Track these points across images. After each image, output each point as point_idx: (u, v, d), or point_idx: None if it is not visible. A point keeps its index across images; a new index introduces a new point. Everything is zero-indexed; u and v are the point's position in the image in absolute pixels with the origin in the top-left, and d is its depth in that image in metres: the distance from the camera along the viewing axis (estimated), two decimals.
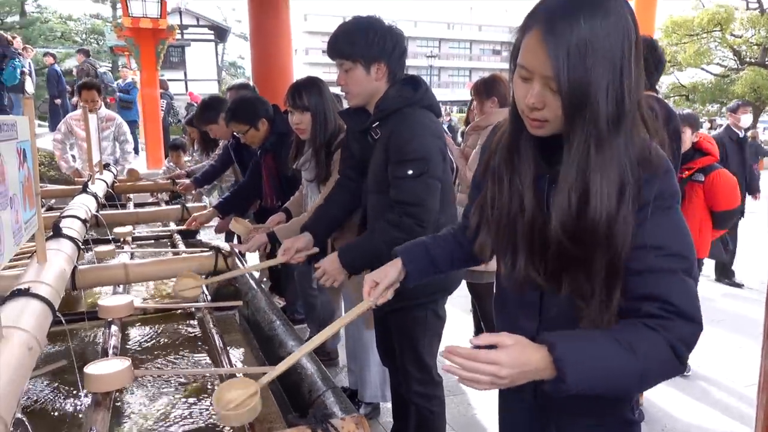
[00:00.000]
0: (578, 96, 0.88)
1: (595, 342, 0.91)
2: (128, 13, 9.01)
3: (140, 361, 1.65)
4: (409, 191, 1.72)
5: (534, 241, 1.02)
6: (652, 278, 0.93)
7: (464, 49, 50.12)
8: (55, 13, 27.27)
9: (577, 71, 0.87)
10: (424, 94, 1.81)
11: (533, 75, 0.93)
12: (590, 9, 0.88)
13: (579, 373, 0.87)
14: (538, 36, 0.90)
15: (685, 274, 0.93)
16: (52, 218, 2.02)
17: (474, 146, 3.05)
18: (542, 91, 0.92)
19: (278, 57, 5.67)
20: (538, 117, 0.95)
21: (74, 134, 4.90)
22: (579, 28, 0.87)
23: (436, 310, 1.97)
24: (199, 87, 22.08)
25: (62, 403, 1.42)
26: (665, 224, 0.95)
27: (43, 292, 1.24)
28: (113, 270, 1.94)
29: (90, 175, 3.09)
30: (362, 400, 2.70)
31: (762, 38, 20.59)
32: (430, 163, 1.72)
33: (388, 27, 1.78)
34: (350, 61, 1.76)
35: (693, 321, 0.92)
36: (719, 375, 3.26)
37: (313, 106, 2.43)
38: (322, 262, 1.79)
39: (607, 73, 0.88)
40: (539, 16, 0.92)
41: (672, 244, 0.94)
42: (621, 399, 1.13)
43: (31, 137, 1.30)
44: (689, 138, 3.07)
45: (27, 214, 1.25)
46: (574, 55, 0.87)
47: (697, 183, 3.12)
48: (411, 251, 1.33)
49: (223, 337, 1.75)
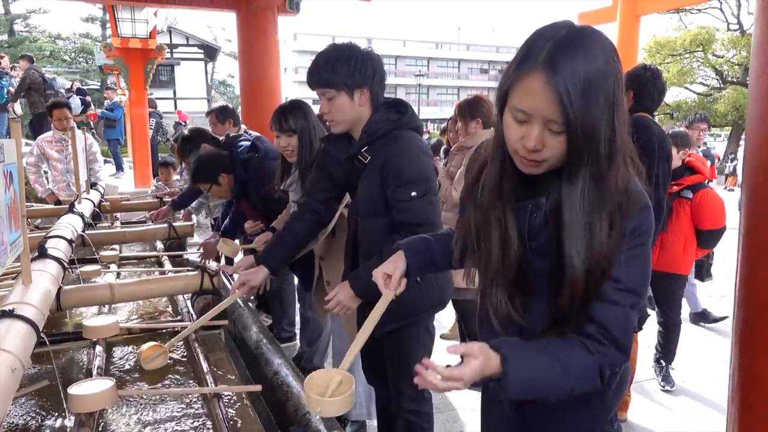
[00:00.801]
0: (586, 136, 0.92)
1: (538, 364, 0.99)
2: (117, 33, 9.07)
3: (125, 381, 1.65)
4: (416, 212, 1.75)
5: (517, 281, 1.07)
6: (602, 307, 1.00)
7: (452, 68, 50.68)
8: (44, 32, 27.32)
9: (584, 112, 0.90)
10: (411, 117, 1.86)
11: (532, 117, 0.94)
12: (588, 51, 0.91)
13: (517, 384, 0.97)
14: (539, 79, 0.91)
15: (631, 309, 1.01)
16: (38, 238, 2.03)
17: (459, 166, 3.09)
18: (541, 132, 0.95)
19: (267, 76, 5.72)
20: (537, 158, 0.98)
21: (47, 156, 4.78)
22: (581, 70, 0.90)
23: (427, 326, 1.99)
24: (188, 105, 22.13)
25: (46, 423, 1.42)
26: (631, 260, 1.00)
27: (28, 313, 1.25)
28: (98, 290, 1.94)
29: (76, 194, 3.09)
30: (348, 419, 2.69)
31: (743, 58, 21.04)
32: (429, 182, 1.78)
33: (367, 53, 1.81)
34: (334, 89, 1.78)
35: (623, 352, 1.02)
36: (703, 389, 3.29)
37: (299, 129, 2.48)
38: (334, 293, 1.77)
39: (606, 112, 0.92)
40: (535, 60, 0.93)
41: (629, 280, 1.00)
42: (600, 413, 1.17)
43: (17, 160, 1.32)
44: (677, 156, 3.14)
45: (12, 235, 1.26)
46: (581, 97, 0.90)
47: (685, 199, 3.16)
48: (413, 246, 1.36)
49: (209, 356, 1.75)
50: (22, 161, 1.35)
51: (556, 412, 1.15)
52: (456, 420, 2.93)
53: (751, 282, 1.51)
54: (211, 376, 1.58)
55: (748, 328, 1.49)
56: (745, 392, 1.54)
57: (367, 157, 1.83)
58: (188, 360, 1.80)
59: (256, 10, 5.60)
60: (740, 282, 1.54)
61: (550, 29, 0.96)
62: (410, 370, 1.95)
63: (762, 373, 1.46)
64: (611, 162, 0.95)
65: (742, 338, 1.50)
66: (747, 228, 1.52)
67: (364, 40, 44.14)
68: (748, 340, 1.50)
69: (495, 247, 1.08)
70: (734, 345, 1.51)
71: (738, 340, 1.52)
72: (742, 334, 1.50)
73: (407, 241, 1.37)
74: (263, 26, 5.66)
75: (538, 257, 1.05)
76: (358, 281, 1.73)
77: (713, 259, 4.91)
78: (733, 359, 1.53)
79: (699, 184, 3.17)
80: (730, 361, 1.43)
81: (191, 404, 1.52)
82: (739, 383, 1.54)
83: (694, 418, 3.00)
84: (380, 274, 1.31)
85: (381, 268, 1.32)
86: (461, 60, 50.43)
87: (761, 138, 1.47)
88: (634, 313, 1.02)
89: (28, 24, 26.43)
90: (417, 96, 34.75)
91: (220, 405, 1.42)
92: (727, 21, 22.49)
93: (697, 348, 3.85)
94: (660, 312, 3.34)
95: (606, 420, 1.18)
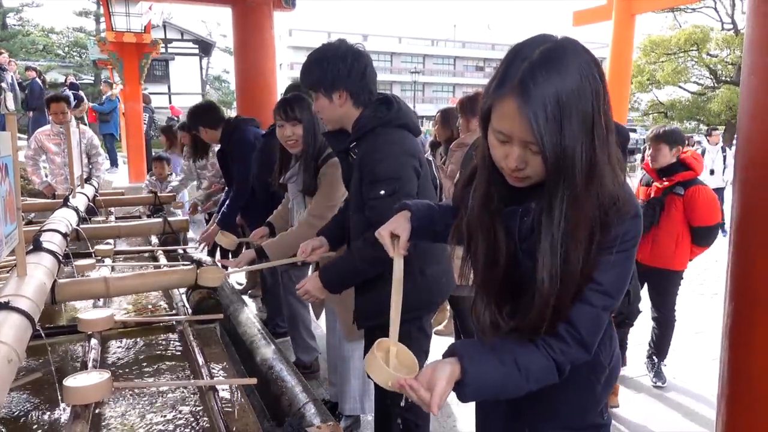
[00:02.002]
0: (560, 158, 0.92)
1: (497, 372, 1.00)
2: (112, 27, 9.01)
3: (120, 374, 1.66)
4: (381, 211, 1.72)
5: (504, 290, 1.09)
6: (577, 305, 1.01)
7: (448, 65, 50.63)
8: (38, 26, 27.10)
9: (557, 136, 0.91)
10: (397, 113, 1.83)
11: (512, 139, 0.96)
12: (563, 70, 0.91)
13: (475, 392, 1.00)
14: (513, 104, 0.92)
15: (603, 311, 1.03)
16: (32, 232, 2.02)
17: (458, 163, 3.10)
18: (523, 153, 0.96)
19: (262, 72, 5.69)
20: (520, 176, 1.00)
21: (45, 149, 4.80)
22: (553, 94, 0.90)
23: (421, 325, 1.99)
24: (182, 100, 22.00)
25: (42, 415, 1.42)
26: (615, 264, 1.01)
27: (23, 305, 1.25)
28: (93, 284, 1.93)
29: (71, 188, 3.08)
30: (342, 413, 2.70)
31: (737, 58, 21.14)
32: (401, 182, 1.74)
33: (342, 53, 1.79)
34: (314, 91, 1.84)
35: (587, 351, 1.03)
36: (694, 386, 3.32)
37: (305, 119, 2.51)
38: (304, 282, 1.85)
39: (582, 132, 0.92)
40: (510, 83, 0.93)
41: (608, 284, 1.01)
42: (590, 405, 1.21)
43: (12, 152, 1.32)
44: (670, 153, 3.15)
45: (8, 228, 1.27)
46: (554, 121, 0.90)
47: (677, 195, 3.16)
48: (421, 210, 1.32)
49: (204, 350, 1.76)
50: (17, 154, 1.35)
51: (548, 404, 1.18)
52: (450, 415, 2.94)
53: (741, 276, 1.53)
54: (207, 370, 1.59)
55: (738, 321, 1.51)
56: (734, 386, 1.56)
57: (356, 152, 1.85)
58: (184, 353, 1.81)
59: (252, 5, 5.57)
60: (731, 276, 1.56)
61: (527, 47, 0.95)
62: None
63: (751, 366, 1.48)
64: (591, 178, 0.95)
65: (732, 332, 1.52)
66: (738, 223, 1.54)
67: (360, 37, 44.07)
68: (737, 333, 1.52)
69: (482, 256, 1.10)
70: (724, 338, 1.53)
71: (728, 334, 1.54)
72: (731, 328, 1.52)
73: (415, 203, 1.34)
74: (259, 21, 5.63)
75: (527, 258, 1.06)
76: (325, 274, 1.81)
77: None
78: (723, 353, 1.55)
79: (691, 181, 3.17)
80: (720, 356, 1.45)
81: (186, 397, 1.53)
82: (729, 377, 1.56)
83: (686, 415, 3.03)
84: (386, 233, 1.25)
85: (386, 226, 1.27)
86: (457, 57, 50.37)
87: (752, 134, 1.49)
88: (605, 315, 1.04)
89: (21, 17, 26.23)
90: (412, 93, 34.72)
91: (216, 398, 1.42)
92: (721, 20, 22.63)
93: (690, 345, 3.88)
94: (654, 308, 3.36)
95: (598, 413, 1.21)
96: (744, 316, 1.49)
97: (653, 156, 3.23)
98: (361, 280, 1.87)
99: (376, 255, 1.64)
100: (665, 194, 3.18)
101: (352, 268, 1.81)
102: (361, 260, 1.77)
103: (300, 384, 1.54)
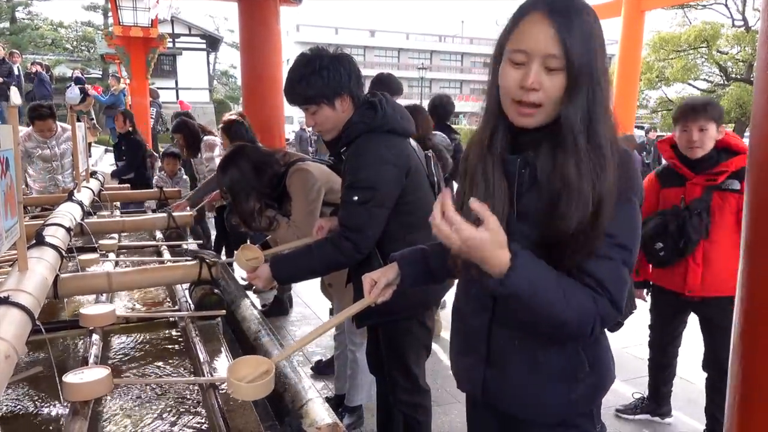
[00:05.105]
0: (584, 72, 0.96)
1: (545, 275, 0.98)
2: (119, 21, 9.03)
3: (121, 371, 1.64)
4: (351, 216, 1.75)
5: None
6: (596, 261, 1.01)
7: (456, 62, 50.44)
8: (46, 20, 27.20)
9: (581, 44, 0.96)
10: (383, 118, 1.79)
11: (531, 57, 0.98)
12: (582, 7, 1.00)
13: (521, 279, 0.94)
14: (541, 17, 0.97)
15: (624, 264, 1.02)
16: (36, 226, 2.02)
17: None
18: (540, 71, 0.98)
19: (269, 66, 5.68)
20: (534, 100, 1.00)
21: (27, 153, 4.56)
22: (579, 15, 0.98)
23: (424, 322, 1.98)
24: (190, 95, 22.07)
25: (41, 411, 1.41)
26: (621, 216, 1.01)
27: (23, 300, 1.24)
28: (96, 279, 1.93)
29: (75, 183, 3.08)
30: (350, 404, 2.71)
31: (747, 55, 20.95)
32: (377, 192, 1.72)
33: (337, 58, 1.78)
34: (314, 104, 1.79)
35: (616, 307, 1.01)
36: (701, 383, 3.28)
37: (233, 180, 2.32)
38: (258, 269, 1.85)
39: (601, 61, 0.98)
40: (536, 4, 0.99)
41: (621, 235, 1.01)
42: (584, 410, 1.18)
43: (14, 146, 1.30)
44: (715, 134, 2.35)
45: (8, 222, 1.25)
46: (579, 35, 0.96)
47: (731, 192, 2.31)
48: (407, 256, 1.35)
49: (206, 346, 1.75)
50: (18, 148, 1.34)
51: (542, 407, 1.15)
52: (448, 414, 2.93)
53: (754, 276, 1.50)
54: (208, 366, 1.58)
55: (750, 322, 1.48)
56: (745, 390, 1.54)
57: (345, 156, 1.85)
58: (185, 349, 1.80)
59: (259, 0, 5.57)
60: (742, 278, 1.53)
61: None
62: (404, 362, 1.98)
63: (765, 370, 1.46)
64: (605, 110, 1.00)
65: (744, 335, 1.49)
66: (750, 223, 1.50)
67: (367, 33, 44.00)
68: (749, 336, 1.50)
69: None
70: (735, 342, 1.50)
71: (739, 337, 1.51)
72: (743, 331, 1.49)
73: (401, 253, 1.37)
74: (265, 16, 5.63)
75: (519, 220, 1.06)
76: (275, 266, 1.82)
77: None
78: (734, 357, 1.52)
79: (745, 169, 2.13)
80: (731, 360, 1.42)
81: (187, 394, 1.52)
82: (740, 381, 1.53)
83: (690, 415, 3.00)
84: (368, 280, 1.31)
85: (370, 274, 1.33)
86: (464, 53, 50.14)
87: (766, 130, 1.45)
88: (626, 270, 1.03)
89: (30, 11, 26.29)
90: (420, 89, 34.62)
91: (216, 395, 1.41)
92: (732, 17, 22.37)
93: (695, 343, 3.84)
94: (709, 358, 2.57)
95: (590, 421, 1.19)
96: (758, 318, 1.46)
97: (692, 140, 2.33)
98: (310, 279, 1.94)
99: (337, 259, 1.76)
100: (708, 196, 2.35)
101: (309, 266, 1.81)
102: (320, 261, 1.78)
103: (303, 381, 1.53)
